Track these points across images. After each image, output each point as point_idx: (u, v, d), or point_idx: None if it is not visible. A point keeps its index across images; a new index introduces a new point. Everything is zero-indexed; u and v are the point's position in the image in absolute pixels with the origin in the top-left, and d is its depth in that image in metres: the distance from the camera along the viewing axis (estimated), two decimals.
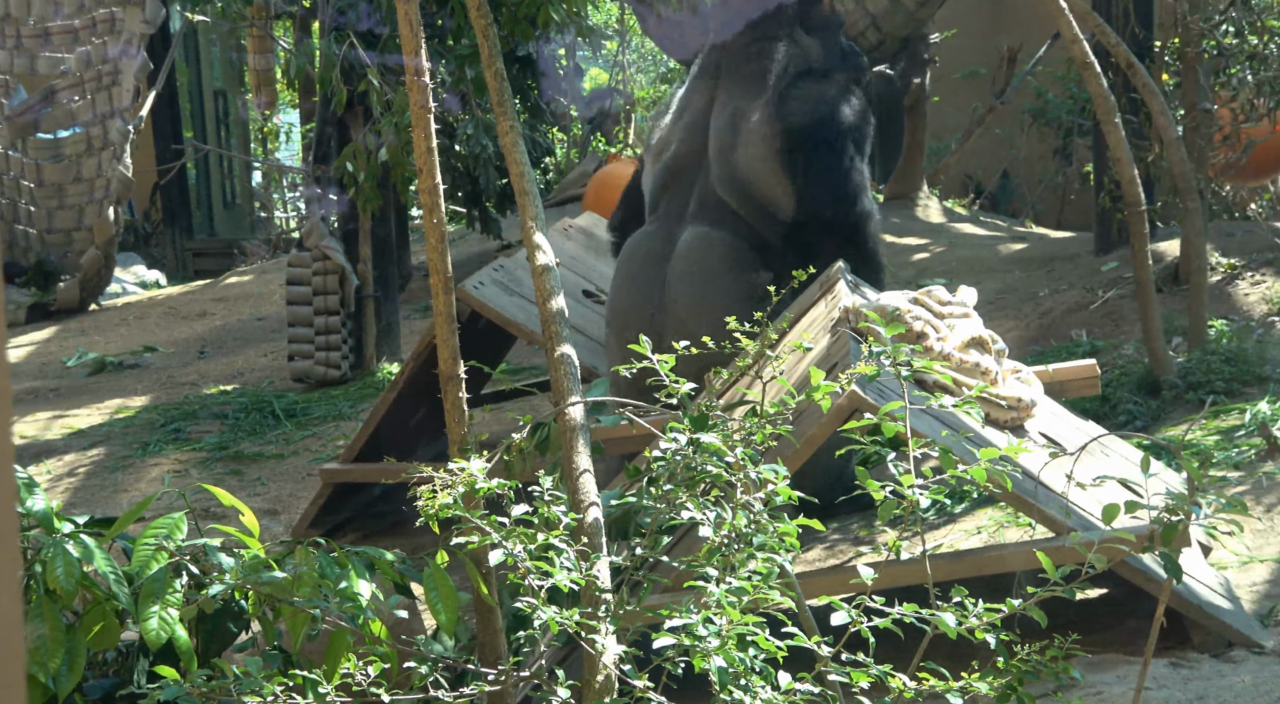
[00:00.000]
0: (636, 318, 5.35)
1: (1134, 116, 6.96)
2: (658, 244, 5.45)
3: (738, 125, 5.39)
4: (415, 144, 2.97)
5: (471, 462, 2.84)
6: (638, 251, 5.50)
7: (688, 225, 5.41)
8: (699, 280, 5.28)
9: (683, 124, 5.58)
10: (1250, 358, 5.50)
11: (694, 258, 5.32)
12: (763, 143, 5.33)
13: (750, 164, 5.35)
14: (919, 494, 2.50)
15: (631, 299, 5.42)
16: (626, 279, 5.48)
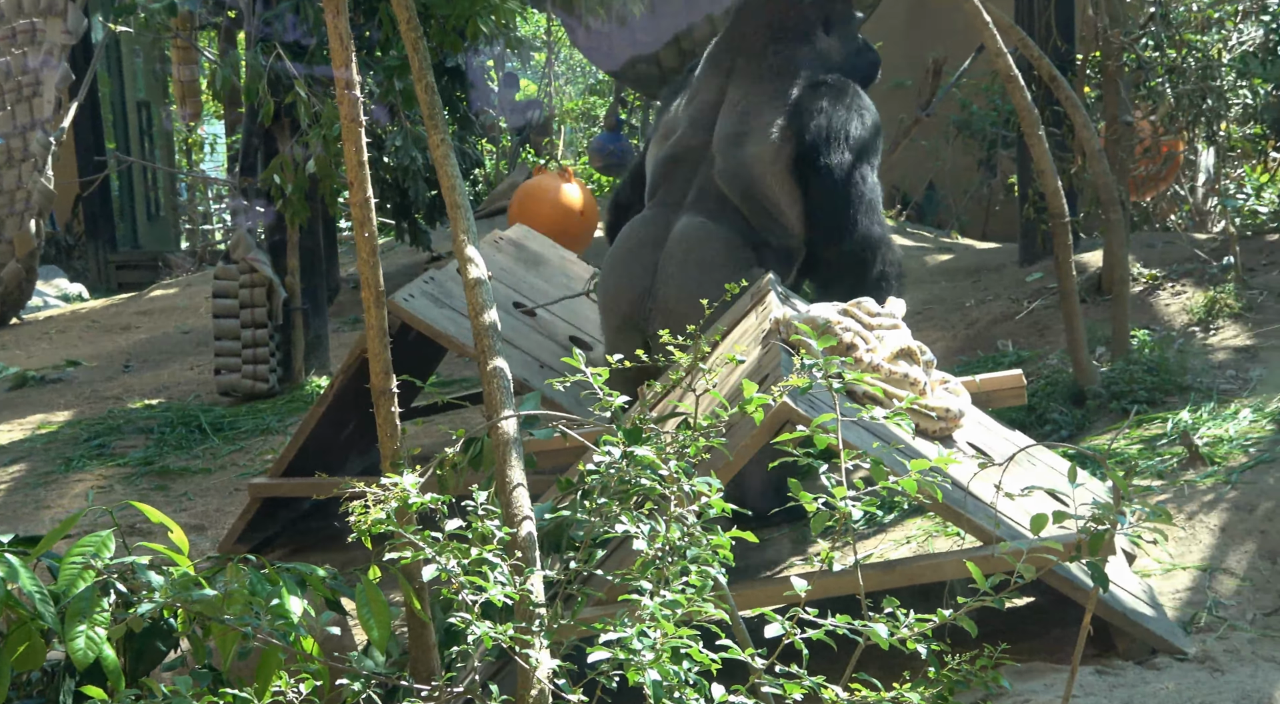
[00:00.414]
0: (626, 302, 5.36)
1: (1057, 129, 7.06)
2: (654, 230, 5.43)
3: (748, 123, 5.37)
4: (346, 157, 2.96)
5: (404, 476, 2.82)
6: (633, 236, 5.48)
7: (685, 214, 5.39)
8: (692, 270, 5.25)
9: (689, 113, 5.57)
10: (1172, 367, 5.59)
11: (689, 246, 5.31)
12: (773, 147, 5.32)
13: (757, 165, 5.33)
14: (851, 506, 2.52)
15: (621, 282, 5.40)
16: (619, 262, 5.46)
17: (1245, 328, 6.08)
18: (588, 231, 8.97)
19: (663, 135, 5.69)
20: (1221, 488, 4.58)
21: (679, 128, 5.60)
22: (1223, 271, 6.68)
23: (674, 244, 5.34)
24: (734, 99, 5.48)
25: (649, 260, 5.36)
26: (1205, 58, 7.39)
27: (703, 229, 5.32)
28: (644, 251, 5.39)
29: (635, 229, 5.51)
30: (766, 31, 5.54)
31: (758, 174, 5.33)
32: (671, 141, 5.60)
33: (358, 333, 8.88)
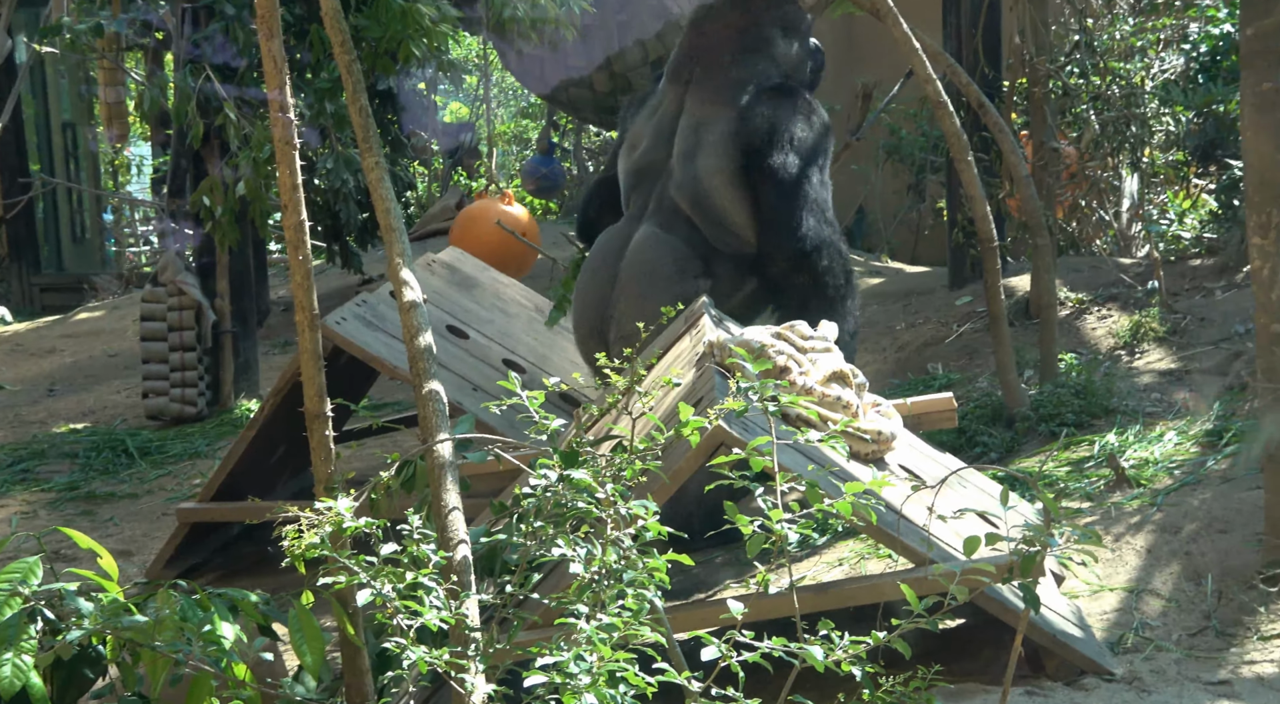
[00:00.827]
0: (591, 312, 5.49)
1: (985, 154, 7.14)
2: (617, 241, 5.54)
3: (701, 135, 5.45)
4: (280, 180, 2.94)
5: (339, 500, 2.81)
6: (599, 248, 5.60)
7: (642, 225, 5.50)
8: (644, 279, 5.35)
9: (653, 126, 5.66)
10: (1098, 391, 5.66)
11: (643, 257, 5.40)
12: (723, 155, 5.38)
13: (708, 175, 5.39)
14: (788, 529, 2.53)
15: (586, 294, 5.53)
16: (585, 274, 5.59)
17: (1170, 351, 6.18)
18: (530, 253, 8.97)
19: (629, 147, 5.76)
20: (1147, 510, 4.64)
21: (644, 140, 5.68)
22: (1147, 296, 6.78)
23: (629, 255, 5.45)
24: (691, 110, 5.56)
25: (611, 271, 5.47)
26: (1129, 85, 7.51)
27: (653, 239, 5.41)
28: (607, 263, 5.51)
29: (602, 241, 5.64)
30: (724, 41, 5.60)
31: (708, 185, 5.39)
32: (637, 154, 5.68)
33: (288, 356, 8.82)
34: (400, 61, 7.80)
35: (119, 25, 8.35)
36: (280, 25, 3.06)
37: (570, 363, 6.31)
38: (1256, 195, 4.04)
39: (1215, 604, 4.03)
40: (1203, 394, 5.59)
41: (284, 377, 5.52)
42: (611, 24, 9.75)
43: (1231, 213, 7.27)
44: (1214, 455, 4.95)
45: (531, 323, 6.57)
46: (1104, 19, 7.62)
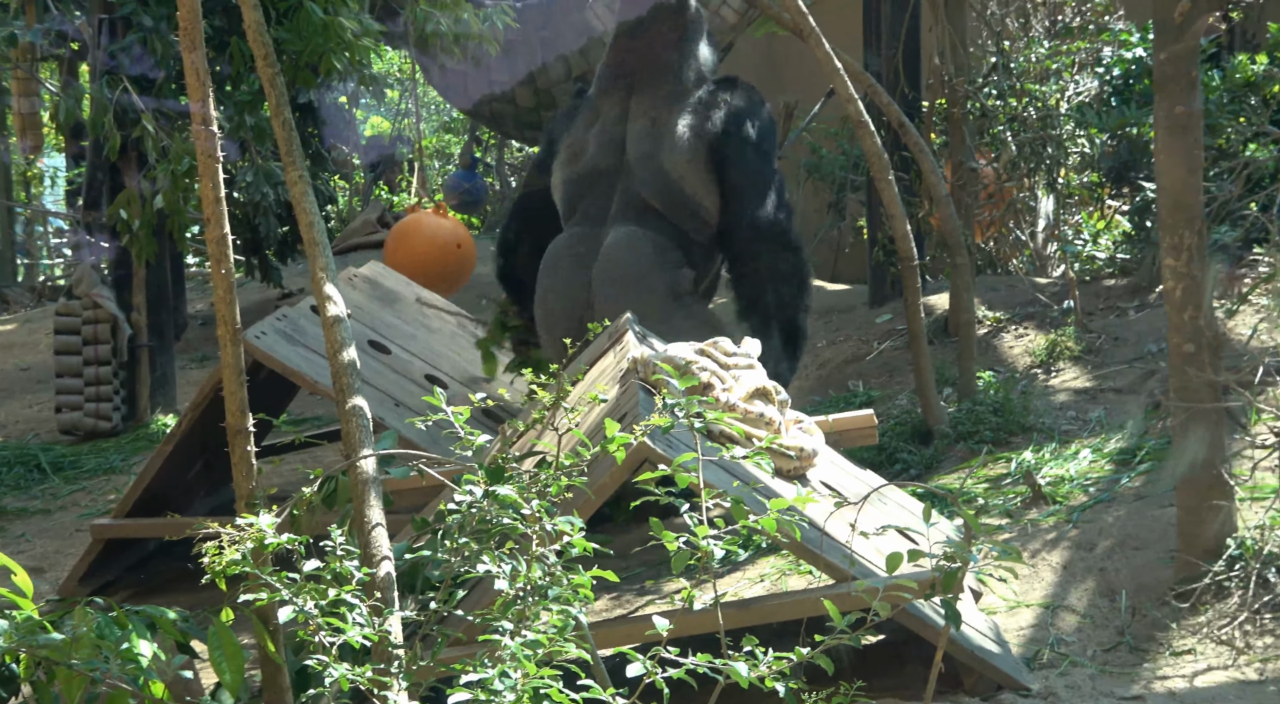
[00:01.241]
0: (565, 320, 5.61)
1: (905, 174, 7.22)
2: (581, 247, 5.70)
3: (660, 130, 5.76)
4: (203, 194, 2.92)
5: (260, 517, 2.78)
6: (563, 256, 5.72)
7: (612, 227, 5.69)
8: (628, 277, 5.54)
9: (595, 133, 5.90)
10: (1015, 408, 5.73)
11: (621, 255, 5.59)
12: (689, 146, 5.70)
13: (675, 167, 5.70)
14: (714, 546, 2.54)
15: (561, 303, 5.66)
16: (554, 283, 5.69)
17: (1085, 370, 6.27)
18: (466, 266, 8.92)
19: (568, 159, 5.94)
20: (1063, 527, 4.70)
21: (588, 149, 5.90)
22: (1063, 315, 6.88)
23: (606, 255, 5.62)
24: (640, 112, 5.85)
25: (583, 277, 5.64)
26: (1045, 108, 7.62)
27: (631, 237, 5.63)
28: (577, 269, 5.66)
29: (564, 249, 5.75)
30: (660, 50, 5.92)
31: (677, 176, 5.70)
32: (583, 162, 5.89)
33: (205, 370, 8.72)
34: (321, 74, 7.76)
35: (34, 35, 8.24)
36: (203, 38, 3.03)
37: (494, 378, 6.30)
38: (1169, 218, 4.11)
39: (1129, 620, 4.09)
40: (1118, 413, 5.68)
41: (202, 391, 5.47)
42: (534, 39, 9.75)
43: (1144, 234, 7.40)
44: (1128, 473, 5.03)
45: (454, 338, 6.54)
46: (1020, 42, 7.73)
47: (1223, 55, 7.92)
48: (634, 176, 5.76)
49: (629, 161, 5.80)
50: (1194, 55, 4.10)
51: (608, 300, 5.53)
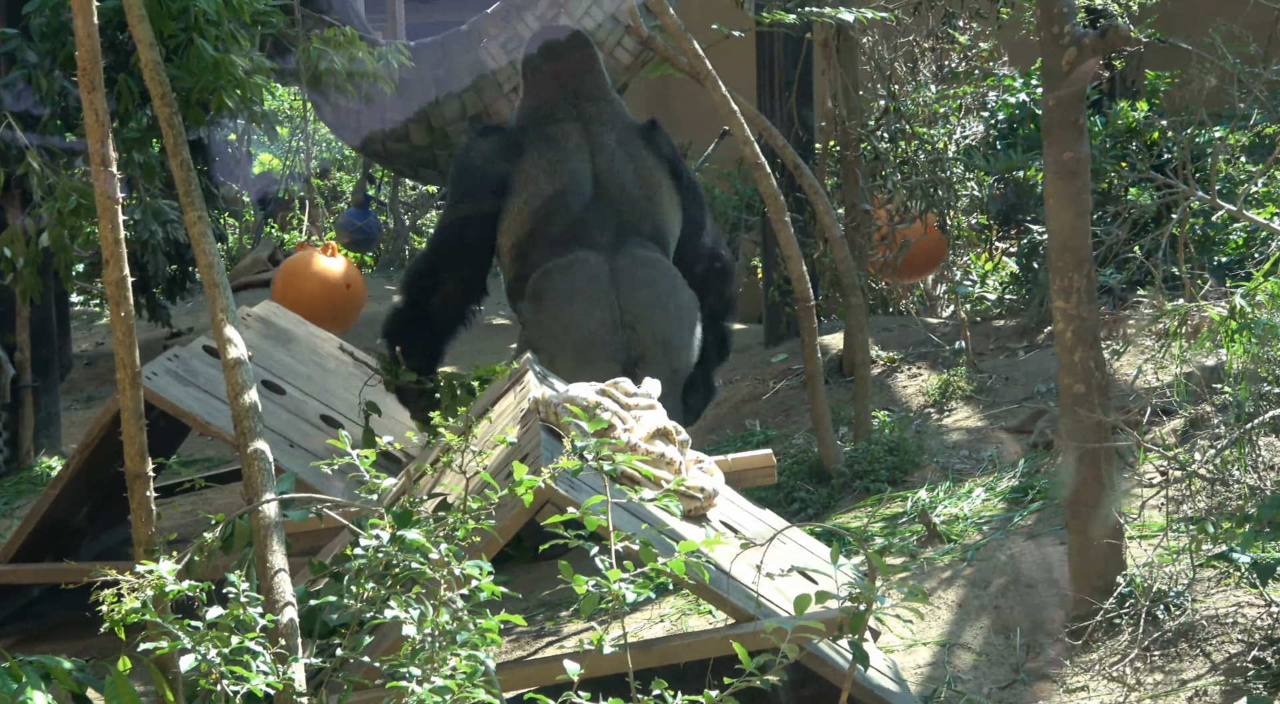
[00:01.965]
0: (605, 338, 5.72)
1: (799, 215, 7.30)
2: (597, 270, 5.82)
3: (630, 163, 6.10)
4: (101, 235, 2.88)
5: (160, 563, 2.73)
6: (581, 277, 5.80)
7: (622, 252, 5.89)
8: (660, 299, 5.83)
9: (563, 165, 6.05)
10: (910, 448, 5.81)
11: (647, 278, 5.86)
12: (657, 181, 6.14)
13: (653, 200, 6.11)
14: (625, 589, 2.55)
15: (599, 321, 5.73)
16: (586, 303, 5.76)
17: (977, 410, 6.37)
18: (355, 305, 8.83)
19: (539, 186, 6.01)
20: (958, 565, 4.77)
21: (561, 174, 6.03)
22: (955, 355, 6.99)
23: (635, 281, 5.82)
24: (603, 144, 6.12)
25: (610, 297, 5.77)
26: (934, 151, 7.76)
27: (651, 262, 5.92)
28: (603, 289, 5.78)
29: (578, 271, 5.81)
30: (585, 76, 6.21)
31: (657, 206, 6.11)
32: (563, 189, 5.99)
33: (92, 411, 8.55)
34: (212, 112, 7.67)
35: None
36: (103, 78, 3.00)
37: (390, 418, 6.25)
38: (1059, 260, 4.20)
39: (1024, 657, 4.15)
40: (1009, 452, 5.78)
41: (90, 432, 5.37)
42: (429, 78, 9.74)
43: (1032, 275, 7.55)
44: (1020, 511, 5.11)
45: (349, 378, 6.49)
46: (909, 85, 7.87)
47: (1104, 102, 8.13)
48: (619, 206, 5.99)
49: (608, 191, 6.02)
50: (1080, 101, 4.20)
51: (655, 321, 5.76)
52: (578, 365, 5.62)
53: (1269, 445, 4.51)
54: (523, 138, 6.13)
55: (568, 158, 6.03)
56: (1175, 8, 7.55)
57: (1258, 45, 5.79)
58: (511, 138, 6.19)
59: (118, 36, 7.25)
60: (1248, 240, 6.97)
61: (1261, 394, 4.18)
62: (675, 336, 5.79)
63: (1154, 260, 5.40)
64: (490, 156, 6.14)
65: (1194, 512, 4.24)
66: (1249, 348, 4.20)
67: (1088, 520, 4.15)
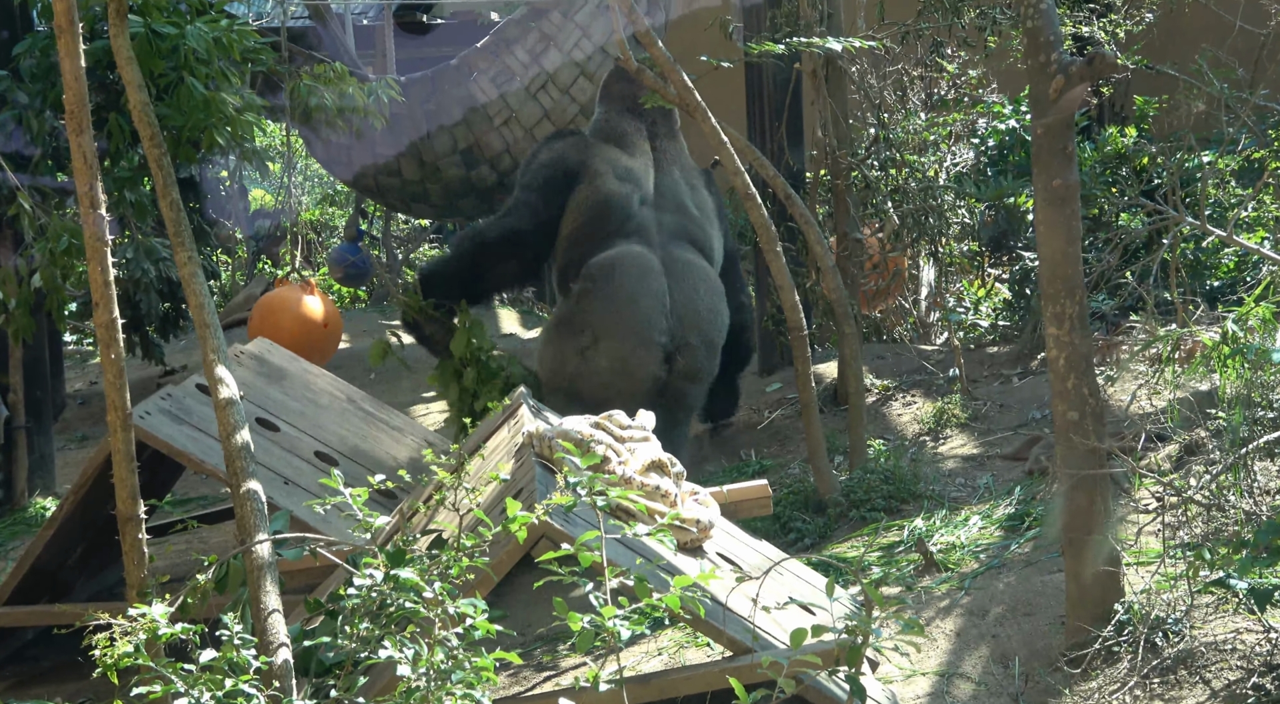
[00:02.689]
0: (654, 322, 6.24)
1: (791, 244, 7.30)
2: (651, 262, 6.38)
3: (688, 183, 6.81)
4: (91, 278, 2.87)
5: (153, 606, 2.72)
6: (637, 266, 6.34)
7: (674, 248, 6.50)
8: (708, 291, 6.45)
9: (631, 165, 6.69)
10: (906, 476, 5.80)
11: (695, 277, 6.45)
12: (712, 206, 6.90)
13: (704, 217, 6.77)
14: (620, 625, 2.53)
15: (650, 306, 6.27)
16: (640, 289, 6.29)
17: (972, 437, 6.36)
18: (331, 343, 8.82)
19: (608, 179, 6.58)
20: (956, 594, 4.75)
21: (629, 174, 6.64)
22: (949, 383, 6.98)
23: (687, 275, 6.42)
24: (666, 162, 6.81)
25: (660, 288, 6.33)
26: (924, 179, 7.77)
27: (698, 261, 6.53)
28: (654, 280, 6.34)
29: (631, 262, 6.35)
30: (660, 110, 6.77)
31: (708, 229, 6.74)
32: (629, 186, 6.59)
33: (86, 451, 8.53)
34: (203, 150, 7.69)
35: None
36: (90, 120, 3.00)
37: (384, 453, 6.24)
38: (1050, 287, 4.20)
39: (1022, 686, 4.14)
40: (1005, 479, 5.77)
41: (84, 473, 5.35)
42: (419, 112, 9.77)
43: (1024, 301, 7.56)
44: (1017, 539, 5.10)
45: (343, 413, 6.48)
46: (898, 114, 7.89)
47: (1094, 128, 8.16)
48: (675, 210, 6.60)
49: (666, 200, 6.62)
50: (1069, 128, 4.21)
51: (700, 308, 6.36)
52: (626, 345, 6.24)
53: (1264, 470, 4.51)
54: (595, 139, 6.80)
55: (634, 162, 6.67)
56: (1162, 34, 7.59)
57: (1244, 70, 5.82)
58: (584, 138, 6.85)
59: (108, 76, 7.27)
60: (1239, 264, 6.99)
61: (1255, 419, 4.18)
62: (713, 332, 6.42)
63: (1146, 286, 5.42)
64: (563, 150, 6.74)
65: (1191, 538, 4.23)
66: (1242, 373, 4.20)
67: (1084, 548, 4.13)
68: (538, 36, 9.52)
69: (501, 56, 9.60)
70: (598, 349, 6.24)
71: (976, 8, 7.15)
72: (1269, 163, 6.02)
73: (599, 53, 9.41)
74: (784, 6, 7.35)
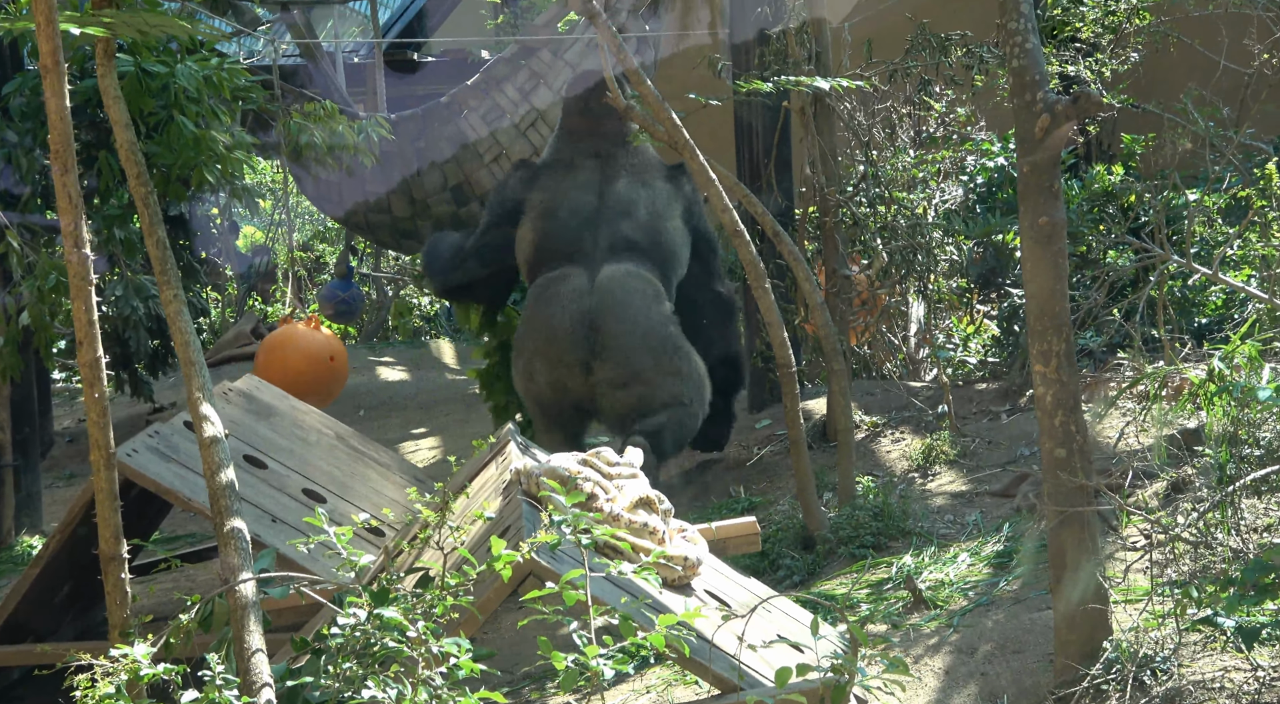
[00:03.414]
0: (568, 340, 6.62)
1: (780, 281, 7.32)
2: (579, 282, 6.73)
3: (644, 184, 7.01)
4: (75, 316, 2.87)
5: (135, 646, 2.71)
6: (563, 286, 6.73)
7: (605, 264, 6.74)
8: (630, 306, 6.62)
9: (572, 189, 6.99)
10: (895, 513, 5.79)
11: (626, 286, 6.67)
12: (669, 207, 6.99)
13: (663, 221, 6.93)
14: (603, 665, 2.52)
15: (565, 322, 6.64)
16: (558, 307, 6.68)
17: (960, 474, 6.36)
18: (338, 380, 8.81)
19: (543, 212, 6.96)
20: (944, 631, 4.74)
21: (566, 201, 6.95)
22: (938, 419, 6.98)
23: (608, 288, 6.67)
24: (617, 171, 7.02)
25: (582, 305, 6.65)
26: (913, 215, 7.80)
27: (630, 273, 6.72)
28: (578, 299, 6.68)
29: (560, 281, 6.75)
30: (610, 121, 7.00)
31: (662, 224, 6.91)
32: (561, 213, 6.91)
33: (73, 489, 8.50)
34: (193, 187, 7.70)
35: None
36: (75, 159, 3.00)
37: (372, 490, 6.22)
38: (1038, 325, 4.20)
39: None
40: (994, 516, 5.76)
41: (71, 511, 5.33)
42: (409, 149, 9.79)
43: (1013, 338, 7.57)
44: (1005, 576, 5.09)
45: (332, 450, 6.46)
46: (887, 151, 7.92)
47: (1081, 166, 8.19)
48: (619, 221, 6.81)
49: (610, 210, 6.86)
50: (1055, 166, 4.22)
51: (619, 323, 6.57)
52: (548, 362, 6.65)
53: (1251, 508, 4.51)
54: (541, 170, 7.15)
55: (573, 185, 6.96)
56: (1148, 73, 7.63)
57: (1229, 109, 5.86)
58: (533, 170, 7.22)
59: (97, 114, 7.29)
60: (1226, 302, 7.01)
61: (1242, 456, 4.18)
62: (649, 337, 6.60)
63: (1133, 323, 5.42)
64: (513, 187, 7.17)
65: (1178, 575, 4.22)
66: (1229, 410, 4.20)
67: (1072, 585, 4.12)
68: (528, 74, 9.56)
69: (492, 94, 9.64)
70: (533, 367, 6.73)
71: (963, 47, 7.20)
72: (1254, 201, 6.04)
73: None
74: (772, 45, 7.40)
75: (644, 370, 6.62)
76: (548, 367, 6.67)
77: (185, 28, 3.70)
